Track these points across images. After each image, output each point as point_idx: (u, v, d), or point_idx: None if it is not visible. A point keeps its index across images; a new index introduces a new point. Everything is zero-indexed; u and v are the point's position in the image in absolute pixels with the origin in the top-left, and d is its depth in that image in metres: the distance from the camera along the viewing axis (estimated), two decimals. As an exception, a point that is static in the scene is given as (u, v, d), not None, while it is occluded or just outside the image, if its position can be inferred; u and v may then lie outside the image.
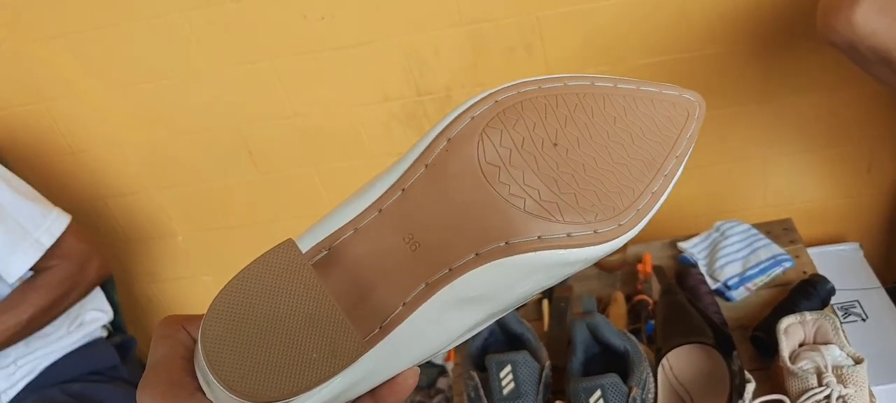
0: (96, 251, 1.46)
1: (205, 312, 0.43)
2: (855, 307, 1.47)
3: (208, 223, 1.93)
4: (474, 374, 1.04)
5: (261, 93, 1.64)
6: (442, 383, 1.95)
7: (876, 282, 1.50)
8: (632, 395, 0.95)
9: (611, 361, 1.03)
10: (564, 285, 1.37)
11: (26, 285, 1.38)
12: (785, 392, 1.02)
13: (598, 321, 1.02)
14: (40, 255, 1.35)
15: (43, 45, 1.63)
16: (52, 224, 1.38)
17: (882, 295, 1.47)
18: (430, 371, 2.00)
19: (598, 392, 0.93)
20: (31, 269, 1.36)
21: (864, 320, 1.44)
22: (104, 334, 1.63)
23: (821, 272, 1.27)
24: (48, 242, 1.36)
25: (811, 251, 1.59)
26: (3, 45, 1.64)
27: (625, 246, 1.33)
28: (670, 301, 1.07)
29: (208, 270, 2.06)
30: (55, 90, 1.70)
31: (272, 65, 1.60)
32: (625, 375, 0.98)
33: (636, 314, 1.23)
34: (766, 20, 1.42)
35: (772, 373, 1.10)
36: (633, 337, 1.05)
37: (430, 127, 0.47)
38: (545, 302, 1.33)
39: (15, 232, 1.33)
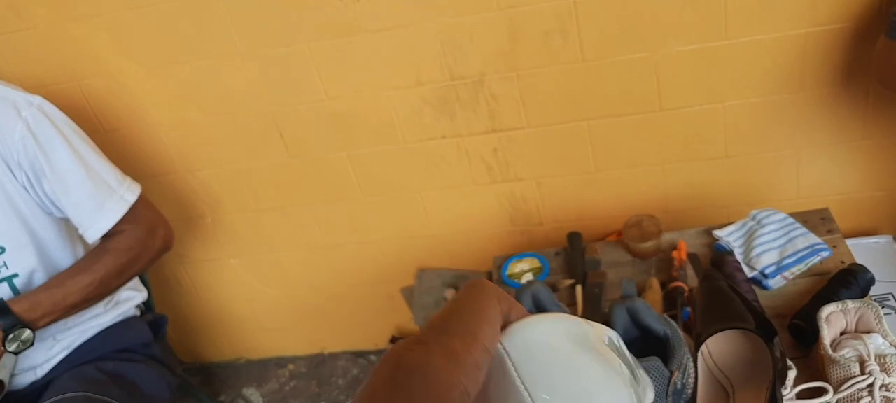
0: (163, 220, 1.49)
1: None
2: (888, 299, 1.46)
3: (237, 205, 1.94)
4: None
5: (294, 76, 1.65)
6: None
7: (911, 275, 1.49)
8: (673, 379, 0.94)
9: (650, 346, 1.03)
10: (598, 270, 1.36)
11: (99, 248, 1.40)
12: (825, 381, 1.02)
13: (638, 305, 1.01)
14: (125, 211, 1.38)
15: (79, 24, 1.64)
16: (130, 185, 1.42)
17: (917, 287, 1.46)
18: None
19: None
20: (105, 234, 1.38)
21: (898, 313, 1.43)
22: (137, 313, 1.65)
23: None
24: (132, 198, 1.40)
25: (844, 241, 1.58)
26: (39, 24, 1.66)
27: (660, 233, 1.32)
28: (710, 286, 1.07)
29: (235, 253, 2.08)
30: (89, 69, 1.72)
31: (306, 47, 1.60)
32: (665, 360, 0.98)
33: (672, 301, 1.23)
34: (804, 7, 1.41)
35: (810, 362, 1.09)
36: (673, 322, 1.04)
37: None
38: (578, 288, 1.33)
39: (103, 189, 1.36)
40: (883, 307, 1.44)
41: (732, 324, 0.98)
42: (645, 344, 1.05)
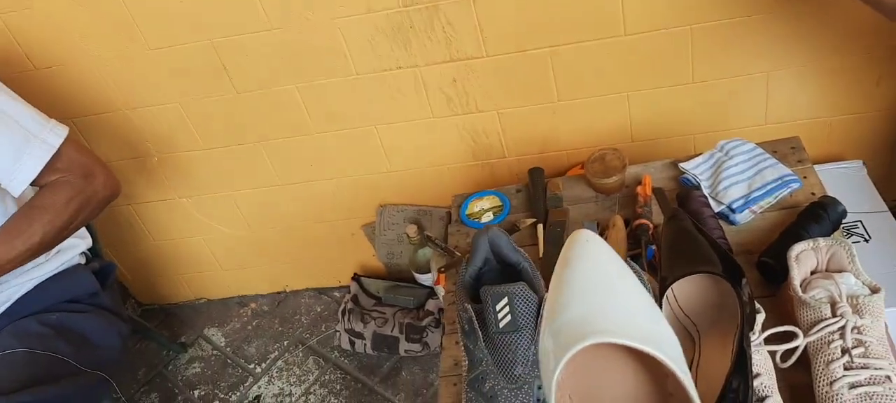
0: (99, 163, 1.35)
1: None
2: (857, 227, 1.43)
3: (185, 143, 1.84)
4: (469, 306, 0.98)
5: (235, 4, 1.53)
6: (431, 305, 1.92)
7: (879, 201, 1.46)
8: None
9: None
10: (560, 208, 1.31)
11: (32, 206, 1.27)
12: (795, 323, 0.98)
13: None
14: (50, 156, 1.24)
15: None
16: (54, 127, 1.27)
17: (885, 215, 1.43)
18: (419, 292, 1.97)
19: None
20: (33, 184, 1.25)
21: (866, 240, 1.40)
22: (82, 261, 1.57)
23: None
24: (57, 142, 1.25)
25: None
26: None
27: (624, 168, 1.26)
28: (676, 227, 1.01)
29: (187, 192, 1.99)
30: (9, 2, 1.58)
31: (246, -27, 1.48)
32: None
33: (636, 239, 1.18)
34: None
35: (779, 301, 1.06)
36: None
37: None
38: (540, 228, 1.27)
39: (19, 135, 1.22)
40: (852, 235, 1.42)
41: (698, 268, 0.93)
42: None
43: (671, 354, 0.56)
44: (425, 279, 1.92)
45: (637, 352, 0.58)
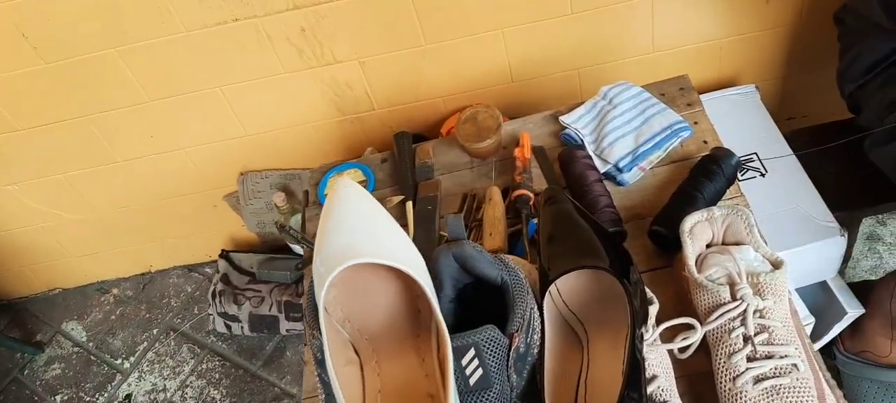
0: None
1: None
2: (753, 161, 1.33)
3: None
4: (318, 334, 0.81)
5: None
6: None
7: (775, 130, 1.36)
8: (514, 345, 0.75)
9: (486, 293, 0.82)
10: (431, 179, 1.14)
11: None
12: (691, 304, 0.86)
13: (466, 250, 0.80)
14: None
15: None
16: None
17: (781, 144, 1.34)
18: (296, 263, 1.78)
19: (472, 352, 0.73)
20: None
21: (763, 175, 1.31)
22: None
23: (717, 123, 1.10)
24: None
25: (705, 98, 1.42)
26: None
27: (498, 128, 1.10)
28: (555, 213, 0.86)
29: (11, 179, 1.71)
30: None
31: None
32: (504, 314, 0.78)
33: (517, 212, 1.03)
34: None
35: (675, 274, 0.93)
36: (512, 263, 0.84)
37: None
38: (409, 206, 1.10)
39: None
40: (748, 170, 1.32)
41: (581, 263, 0.79)
42: (479, 291, 0.85)
43: (418, 271, 0.69)
44: (300, 248, 1.73)
45: (393, 273, 0.72)
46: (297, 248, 1.72)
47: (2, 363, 1.97)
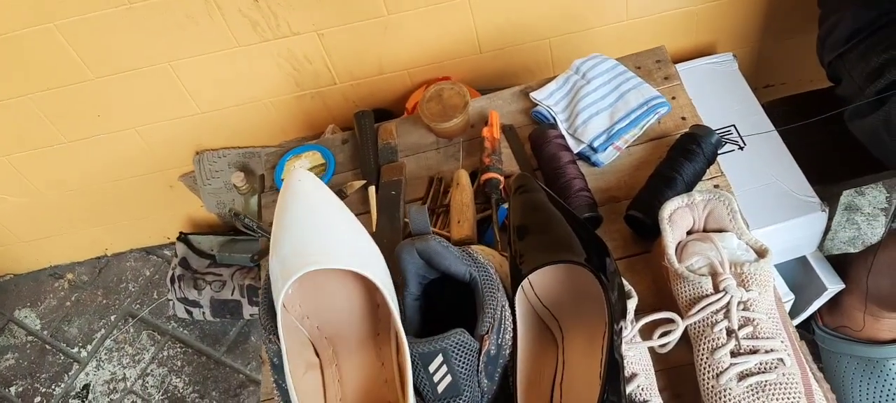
0: None
1: None
2: (731, 133, 1.28)
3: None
4: (274, 339, 0.74)
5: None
6: (274, 259, 1.66)
7: (753, 100, 1.31)
8: (485, 348, 0.70)
9: (454, 289, 0.77)
10: (394, 162, 1.07)
11: None
12: (670, 294, 0.81)
13: (432, 246, 0.73)
14: None
15: None
16: None
17: (760, 115, 1.29)
18: (258, 246, 1.70)
19: (439, 359, 0.68)
20: None
21: (741, 148, 1.26)
22: None
23: (694, 94, 1.04)
24: None
25: (681, 67, 1.37)
26: None
27: (465, 105, 1.03)
28: (526, 201, 0.80)
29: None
30: None
31: None
32: (472, 313, 0.73)
33: (486, 197, 0.97)
34: None
35: (653, 261, 0.88)
36: (480, 257, 0.78)
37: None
38: (371, 191, 1.03)
39: None
40: (726, 143, 1.26)
41: (556, 258, 0.73)
42: (446, 287, 0.79)
43: (375, 270, 0.66)
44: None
45: (352, 272, 0.69)
46: (258, 230, 1.64)
47: (-49, 354, 1.88)
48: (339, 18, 1.34)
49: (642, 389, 0.75)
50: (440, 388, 0.69)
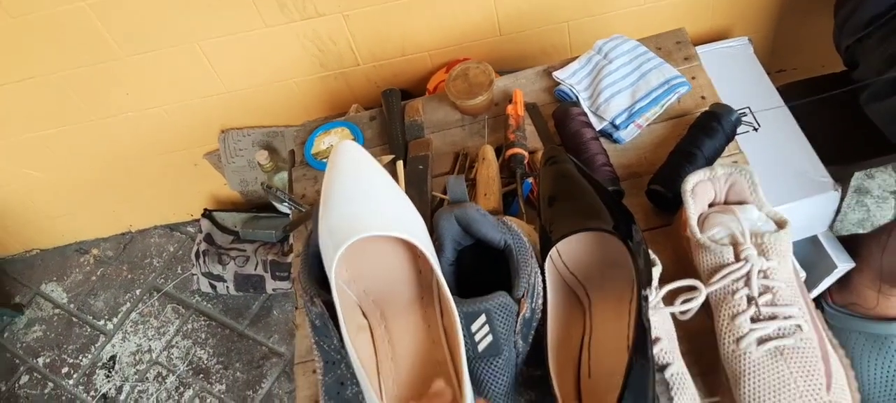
0: None
1: None
2: (746, 115, 1.30)
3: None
4: (318, 300, 0.78)
5: None
6: (296, 236, 1.71)
7: (768, 83, 1.34)
8: (522, 312, 0.74)
9: (488, 256, 0.80)
10: (421, 138, 1.11)
11: None
12: (692, 263, 0.85)
13: (469, 213, 0.77)
14: None
15: None
16: None
17: (775, 98, 1.32)
18: (280, 222, 1.75)
19: (483, 318, 0.71)
20: None
21: (756, 129, 1.29)
22: None
23: (712, 77, 1.08)
24: None
25: (699, 51, 1.39)
26: None
27: (490, 84, 1.07)
28: (555, 173, 0.84)
29: (-17, 139, 1.64)
30: None
31: None
32: (508, 279, 0.76)
33: (511, 171, 1.00)
34: None
35: (674, 234, 0.92)
36: (515, 227, 0.82)
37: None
38: (399, 165, 1.07)
39: None
40: (740, 124, 1.30)
41: (585, 225, 0.77)
42: (480, 255, 0.83)
43: (419, 236, 0.70)
44: (286, 207, 1.70)
45: (396, 238, 0.73)
46: (283, 208, 1.69)
47: (-20, 326, 1.94)
48: (364, 0, 1.37)
49: (665, 352, 0.79)
50: (481, 347, 0.73)
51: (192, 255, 1.75)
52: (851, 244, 1.32)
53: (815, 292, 1.36)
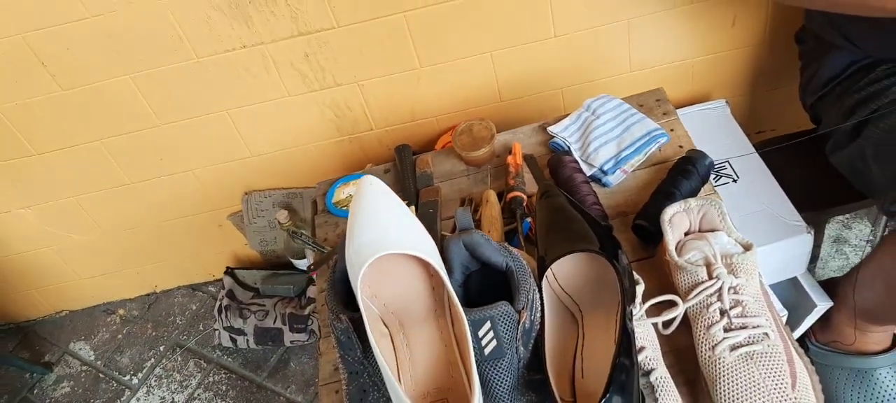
0: None
1: None
2: (726, 168, 1.44)
3: (11, 151, 1.64)
4: (343, 317, 0.90)
5: (43, -7, 1.34)
6: (312, 291, 1.82)
7: (744, 140, 1.48)
8: (522, 321, 0.85)
9: (492, 279, 0.92)
10: (431, 186, 1.24)
11: None
12: (673, 286, 0.97)
13: (475, 238, 0.90)
14: None
15: None
16: None
17: (752, 155, 1.45)
18: (298, 279, 1.86)
19: (488, 325, 0.83)
20: None
21: (735, 181, 1.42)
22: None
23: (691, 134, 1.21)
24: None
25: (679, 112, 1.54)
26: None
27: (492, 138, 1.20)
28: (549, 205, 0.97)
29: (25, 202, 1.79)
30: None
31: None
32: (510, 295, 0.88)
33: (512, 212, 1.13)
34: None
35: (657, 263, 1.04)
36: (515, 251, 0.94)
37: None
38: (411, 210, 1.19)
39: None
40: (721, 177, 1.43)
41: (575, 247, 0.89)
42: (486, 278, 0.94)
43: (435, 259, 0.81)
44: (303, 264, 1.82)
45: (413, 259, 0.84)
46: (301, 263, 1.81)
47: (12, 383, 2.03)
48: (378, 70, 1.53)
49: (650, 359, 0.90)
50: (487, 351, 0.84)
51: (214, 310, 1.86)
52: (829, 286, 1.43)
53: (799, 331, 1.46)
